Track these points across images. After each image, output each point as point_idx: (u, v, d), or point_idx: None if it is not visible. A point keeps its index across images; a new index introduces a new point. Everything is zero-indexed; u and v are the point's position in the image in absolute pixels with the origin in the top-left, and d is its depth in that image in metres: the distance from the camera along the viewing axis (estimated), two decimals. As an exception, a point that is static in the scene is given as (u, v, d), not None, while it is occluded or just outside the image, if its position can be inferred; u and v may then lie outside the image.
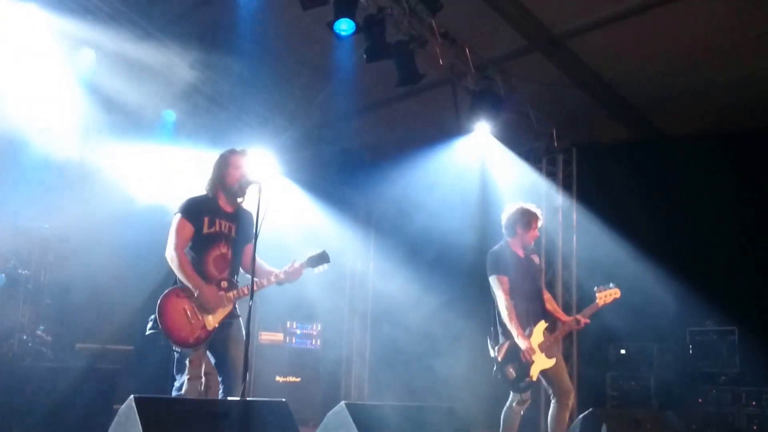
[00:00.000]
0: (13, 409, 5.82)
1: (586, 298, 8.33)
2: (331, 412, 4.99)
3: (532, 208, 5.75)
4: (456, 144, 8.95)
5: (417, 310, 9.06)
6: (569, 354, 8.65)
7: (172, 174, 8.32)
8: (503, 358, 5.42)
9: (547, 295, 5.79)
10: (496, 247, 5.70)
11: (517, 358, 5.37)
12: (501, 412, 5.54)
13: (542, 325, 5.49)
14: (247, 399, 4.12)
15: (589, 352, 8.55)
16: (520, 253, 5.69)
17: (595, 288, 5.68)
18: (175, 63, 7.86)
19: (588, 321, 5.63)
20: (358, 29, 6.99)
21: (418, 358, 8.98)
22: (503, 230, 5.74)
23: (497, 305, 5.50)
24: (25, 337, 6.84)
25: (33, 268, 7.22)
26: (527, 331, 5.43)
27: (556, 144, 8.88)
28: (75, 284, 7.56)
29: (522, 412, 5.55)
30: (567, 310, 8.70)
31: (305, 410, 8.09)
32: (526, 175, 8.91)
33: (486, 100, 7.84)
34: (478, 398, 7.77)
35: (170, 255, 4.65)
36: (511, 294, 5.47)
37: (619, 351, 8.46)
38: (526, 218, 5.67)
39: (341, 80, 8.12)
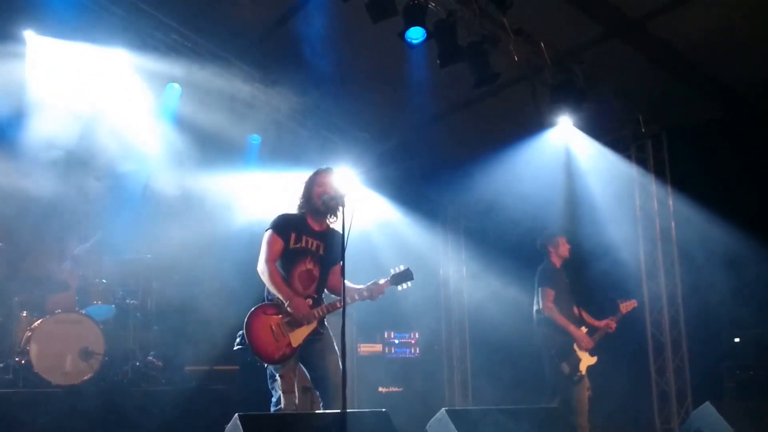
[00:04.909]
0: (130, 432, 6.11)
1: (692, 286, 8.09)
2: (432, 419, 5.00)
3: (553, 230, 7.06)
4: (540, 139, 8.84)
5: (514, 309, 8.93)
6: (679, 346, 8.33)
7: (263, 196, 8.57)
8: (559, 356, 6.36)
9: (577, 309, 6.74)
10: (542, 266, 6.77)
11: (571, 355, 6.35)
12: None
13: (583, 329, 6.51)
14: (347, 410, 4.17)
15: (700, 343, 8.19)
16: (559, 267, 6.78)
17: (618, 300, 6.73)
18: (257, 87, 8.11)
19: (615, 325, 6.61)
20: (429, 36, 6.99)
21: (520, 358, 8.84)
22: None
23: (549, 315, 6.46)
24: (137, 364, 7.16)
25: (140, 297, 7.54)
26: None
27: (643, 130, 8.57)
28: (180, 309, 7.89)
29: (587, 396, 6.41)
30: (672, 299, 8.41)
31: (410, 420, 8.06)
32: (616, 164, 8.67)
33: (566, 92, 7.66)
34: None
35: (261, 268, 4.79)
36: (556, 303, 6.49)
37: (733, 339, 8.05)
38: (552, 238, 6.82)
39: (418, 88, 8.13)
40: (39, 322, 6.67)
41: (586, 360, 6.41)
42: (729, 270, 7.68)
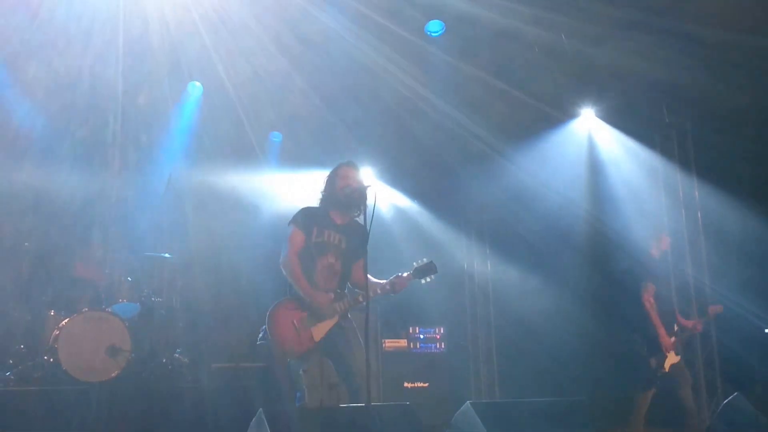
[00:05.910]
0: (158, 429, 6.13)
1: (719, 277, 7.97)
2: (457, 412, 4.98)
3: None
4: (563, 130, 8.77)
5: (539, 302, 8.87)
6: (708, 337, 8.20)
7: (285, 192, 8.59)
8: (648, 352, 6.37)
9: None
10: (644, 259, 6.71)
11: (658, 351, 6.34)
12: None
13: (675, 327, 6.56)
14: (371, 404, 4.16)
15: (730, 333, 8.07)
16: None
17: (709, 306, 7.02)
18: (277, 84, 8.12)
19: (702, 327, 6.88)
20: (448, 28, 6.99)
21: (546, 350, 8.78)
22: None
23: (648, 310, 6.38)
24: (164, 361, 7.17)
25: (164, 294, 7.53)
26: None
27: (667, 119, 8.45)
28: (205, 307, 7.92)
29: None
30: (700, 293, 8.28)
31: (437, 415, 8.02)
32: (640, 154, 8.57)
33: (588, 81, 7.61)
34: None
35: (283, 262, 4.80)
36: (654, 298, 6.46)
37: (763, 329, 7.92)
38: (655, 234, 6.89)
39: (438, 81, 8.09)
40: (66, 320, 6.71)
41: (671, 358, 6.44)
42: (757, 260, 7.57)
